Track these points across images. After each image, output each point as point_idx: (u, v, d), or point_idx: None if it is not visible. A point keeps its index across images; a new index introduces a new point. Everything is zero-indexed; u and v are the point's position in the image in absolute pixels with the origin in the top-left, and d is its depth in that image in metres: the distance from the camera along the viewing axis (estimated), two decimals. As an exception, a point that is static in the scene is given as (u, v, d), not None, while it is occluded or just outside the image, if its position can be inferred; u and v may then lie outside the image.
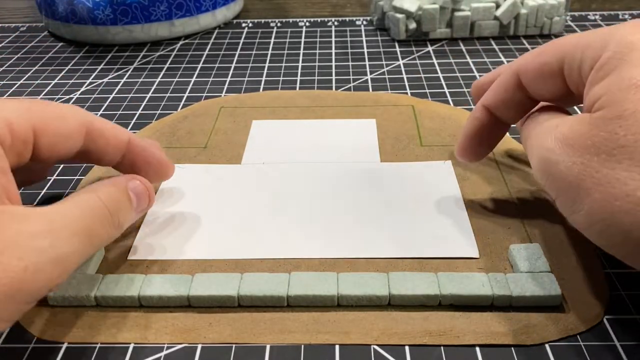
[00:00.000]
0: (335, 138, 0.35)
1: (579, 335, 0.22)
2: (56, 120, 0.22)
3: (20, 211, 0.19)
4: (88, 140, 0.23)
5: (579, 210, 0.19)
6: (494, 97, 0.25)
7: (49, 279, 0.18)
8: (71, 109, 0.23)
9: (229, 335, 0.22)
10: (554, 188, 0.21)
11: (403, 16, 0.49)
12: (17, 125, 0.20)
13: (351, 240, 0.26)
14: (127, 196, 0.23)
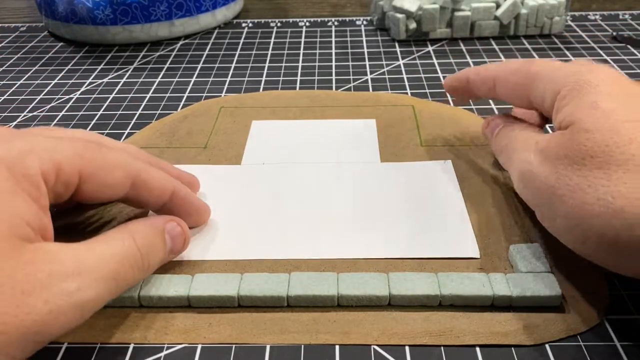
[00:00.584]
0: (336, 138, 0.35)
1: (579, 335, 0.22)
2: (103, 171, 0.22)
3: (53, 249, 0.19)
4: (132, 190, 0.23)
5: (557, 217, 0.21)
6: (475, 82, 0.29)
7: (69, 322, 0.18)
8: (122, 158, 0.23)
9: (229, 336, 0.22)
10: (534, 199, 0.23)
11: (403, 16, 0.49)
12: (64, 169, 0.20)
13: (351, 241, 0.26)
14: (163, 238, 0.23)
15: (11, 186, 0.19)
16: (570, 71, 0.23)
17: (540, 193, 0.22)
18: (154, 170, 0.24)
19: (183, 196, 0.25)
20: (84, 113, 0.40)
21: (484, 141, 0.34)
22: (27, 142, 0.20)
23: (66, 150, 0.21)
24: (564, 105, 0.22)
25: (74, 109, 0.40)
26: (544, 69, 0.25)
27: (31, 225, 0.19)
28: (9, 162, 0.19)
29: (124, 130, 0.37)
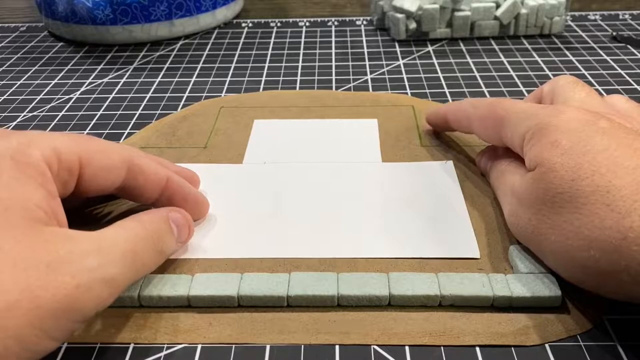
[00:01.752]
0: (337, 138, 0.35)
1: (579, 336, 0.22)
2: (100, 154, 0.23)
3: (70, 233, 0.19)
4: (129, 176, 0.24)
5: (545, 254, 0.22)
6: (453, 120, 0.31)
7: (98, 298, 0.19)
8: (113, 145, 0.24)
9: (229, 335, 0.22)
10: (522, 237, 0.24)
11: (403, 16, 0.49)
12: (65, 154, 0.21)
13: (351, 240, 0.26)
14: (169, 226, 0.24)
15: (17, 174, 0.19)
16: (532, 114, 0.24)
17: (526, 233, 0.23)
18: (147, 158, 0.25)
19: (179, 184, 0.26)
20: (84, 113, 0.40)
21: (484, 141, 0.33)
22: (24, 135, 0.21)
23: (62, 138, 0.22)
24: (530, 147, 0.23)
25: (74, 109, 0.40)
26: (508, 114, 0.25)
27: (43, 209, 0.19)
28: (11, 153, 0.20)
29: (124, 130, 0.37)
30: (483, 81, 0.43)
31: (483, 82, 0.43)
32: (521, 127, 0.24)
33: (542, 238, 0.22)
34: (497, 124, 0.26)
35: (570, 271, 0.21)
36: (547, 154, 0.22)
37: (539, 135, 0.23)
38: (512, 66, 0.45)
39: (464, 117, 0.30)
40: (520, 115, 0.25)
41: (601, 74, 0.44)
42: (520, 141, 0.24)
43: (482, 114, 0.28)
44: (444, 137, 0.35)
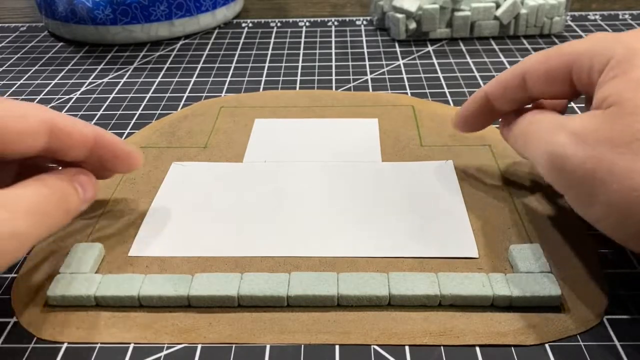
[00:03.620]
0: (337, 137, 0.35)
1: (579, 335, 0.22)
2: (15, 119, 0.22)
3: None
4: (51, 138, 0.23)
5: (595, 203, 0.20)
6: (497, 90, 0.26)
7: (7, 253, 0.19)
8: (33, 108, 0.23)
9: (229, 335, 0.22)
10: (565, 183, 0.21)
11: (403, 16, 0.49)
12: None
13: (351, 240, 0.26)
14: (73, 186, 0.23)
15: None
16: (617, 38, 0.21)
17: (575, 177, 0.20)
18: (71, 118, 0.24)
19: (109, 141, 0.25)
20: (84, 113, 0.40)
21: (483, 141, 0.34)
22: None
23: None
24: (609, 79, 0.21)
25: (74, 109, 0.40)
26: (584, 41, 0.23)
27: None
28: None
29: (124, 130, 0.37)
30: (483, 81, 0.43)
31: (483, 82, 0.43)
32: (602, 55, 0.21)
33: (599, 184, 0.19)
34: (568, 59, 0.23)
35: (621, 227, 0.20)
36: (631, 94, 0.19)
37: (624, 66, 0.20)
38: (512, 66, 0.45)
39: (515, 74, 0.25)
40: (602, 40, 0.22)
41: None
42: (601, 68, 0.21)
43: (543, 56, 0.24)
44: (444, 137, 0.35)
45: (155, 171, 0.32)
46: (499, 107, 0.27)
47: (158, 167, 0.32)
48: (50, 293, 0.23)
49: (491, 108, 0.27)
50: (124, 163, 0.26)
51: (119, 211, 0.29)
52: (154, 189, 0.30)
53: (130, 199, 0.30)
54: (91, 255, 0.25)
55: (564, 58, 0.23)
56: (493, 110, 0.27)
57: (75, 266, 0.24)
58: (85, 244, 0.25)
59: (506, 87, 0.26)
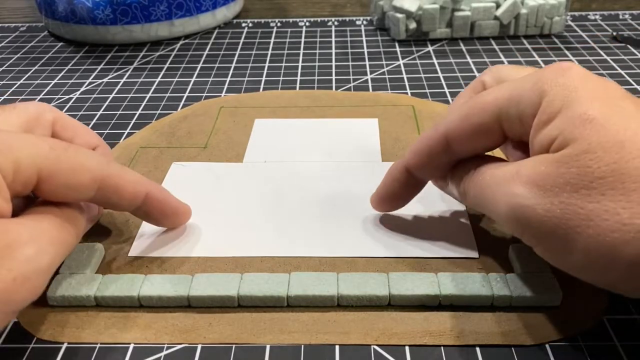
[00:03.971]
0: (337, 137, 0.35)
1: (579, 335, 0.22)
2: (68, 173, 0.21)
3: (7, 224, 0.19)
4: (99, 192, 0.22)
5: (572, 252, 0.19)
6: (419, 161, 0.24)
7: (34, 288, 0.19)
8: (91, 160, 0.22)
9: (229, 335, 0.22)
10: (533, 235, 0.20)
11: (403, 16, 0.49)
12: (23, 168, 0.20)
13: (351, 240, 0.26)
14: (81, 206, 0.23)
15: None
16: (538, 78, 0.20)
17: (543, 228, 0.19)
18: (129, 173, 0.23)
19: (159, 199, 0.25)
20: (84, 113, 0.40)
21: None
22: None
23: (28, 148, 0.20)
24: (546, 121, 0.20)
25: (74, 109, 0.40)
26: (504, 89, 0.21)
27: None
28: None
29: (124, 130, 0.37)
30: (483, 81, 0.43)
31: (483, 82, 0.43)
32: (530, 97, 0.20)
33: (571, 232, 0.18)
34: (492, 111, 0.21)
35: (607, 271, 0.18)
36: (577, 131, 0.18)
37: (558, 105, 0.19)
38: (512, 66, 0.45)
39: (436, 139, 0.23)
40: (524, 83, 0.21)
41: (601, 74, 0.44)
42: (533, 113, 0.20)
43: (463, 114, 0.22)
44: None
45: (155, 171, 0.32)
46: (422, 177, 0.25)
47: (158, 167, 0.32)
48: (50, 293, 0.23)
49: (414, 181, 0.25)
50: (169, 221, 0.26)
51: (119, 211, 0.29)
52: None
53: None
54: (91, 256, 0.25)
55: (487, 110, 0.22)
56: (416, 183, 0.25)
57: (75, 266, 0.24)
58: (85, 244, 0.25)
59: (429, 154, 0.24)
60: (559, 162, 0.19)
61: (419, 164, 0.24)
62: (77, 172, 0.21)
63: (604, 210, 0.18)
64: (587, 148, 0.18)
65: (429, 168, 0.24)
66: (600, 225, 0.18)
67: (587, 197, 0.18)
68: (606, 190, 0.18)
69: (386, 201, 0.27)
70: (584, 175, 0.18)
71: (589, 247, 0.18)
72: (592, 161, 0.18)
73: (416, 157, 0.24)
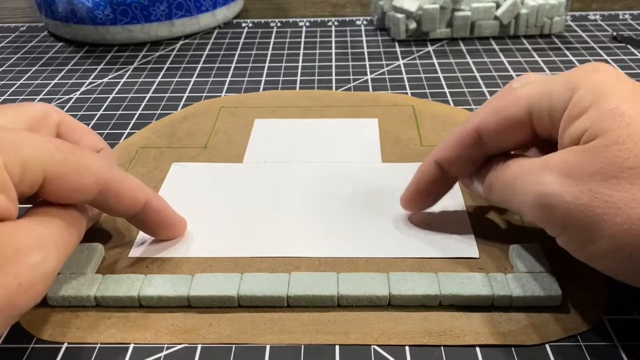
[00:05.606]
0: (337, 138, 0.35)
1: (579, 335, 0.22)
2: (73, 174, 0.21)
3: (12, 226, 0.19)
4: (100, 195, 0.22)
5: (597, 240, 0.19)
6: (449, 154, 0.25)
7: (38, 293, 0.19)
8: (96, 163, 0.22)
9: (229, 335, 0.22)
10: (559, 223, 0.20)
11: (403, 16, 0.49)
12: (30, 168, 0.20)
13: (351, 240, 0.26)
14: (83, 206, 0.23)
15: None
16: (570, 76, 0.21)
17: (569, 216, 0.19)
18: (130, 179, 0.23)
19: (157, 209, 0.25)
20: (84, 113, 0.40)
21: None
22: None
23: (35, 148, 0.20)
24: (577, 114, 0.20)
25: (74, 109, 0.40)
26: (538, 84, 0.22)
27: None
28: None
29: (124, 130, 0.37)
30: (483, 81, 0.43)
31: (483, 82, 0.43)
32: (561, 93, 0.21)
33: (599, 220, 0.19)
34: (524, 105, 0.22)
35: (632, 260, 0.19)
36: (608, 124, 0.19)
37: (590, 100, 0.20)
38: (512, 66, 0.45)
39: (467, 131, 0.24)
40: (557, 80, 0.21)
41: (601, 73, 0.44)
42: (563, 108, 0.21)
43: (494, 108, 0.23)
44: (443, 138, 0.34)
45: (155, 171, 0.32)
46: (454, 173, 0.25)
47: (158, 167, 0.32)
48: (51, 293, 0.23)
49: (445, 176, 0.25)
50: (164, 232, 0.26)
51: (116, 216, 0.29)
52: (154, 190, 0.30)
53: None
54: (91, 256, 0.25)
55: (519, 104, 0.22)
56: (447, 179, 0.26)
57: (75, 267, 0.24)
58: (85, 245, 0.25)
59: (460, 147, 0.24)
60: (589, 152, 0.19)
61: (450, 157, 0.24)
62: (82, 175, 0.21)
63: (632, 199, 0.18)
64: (617, 139, 0.19)
65: (459, 162, 0.25)
66: (628, 214, 0.18)
67: (617, 185, 0.18)
68: (635, 180, 0.18)
69: (415, 198, 0.27)
70: (614, 165, 0.19)
71: (615, 235, 0.18)
72: (622, 152, 0.18)
73: (447, 151, 0.25)
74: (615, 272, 0.20)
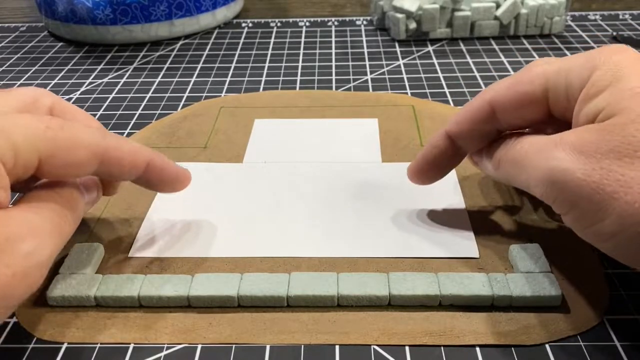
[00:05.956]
0: (337, 138, 0.35)
1: (579, 335, 0.22)
2: (66, 151, 0.21)
3: (5, 216, 0.19)
4: (101, 166, 0.22)
5: (604, 218, 0.19)
6: (461, 127, 0.24)
7: (32, 283, 0.19)
8: (89, 136, 0.21)
9: (229, 335, 0.22)
10: (570, 199, 0.20)
11: (403, 16, 0.49)
12: (23, 152, 0.20)
13: (351, 240, 0.26)
14: (80, 190, 0.23)
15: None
16: (590, 55, 0.21)
17: (579, 192, 0.19)
18: (126, 144, 0.23)
19: (159, 167, 0.24)
20: (84, 113, 0.40)
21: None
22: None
23: (25, 130, 0.20)
24: (595, 93, 0.20)
25: (74, 109, 0.40)
26: (554, 61, 0.22)
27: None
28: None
29: (124, 130, 0.37)
30: (483, 81, 0.43)
31: (483, 82, 0.43)
32: (579, 71, 0.21)
33: (608, 198, 0.18)
34: (539, 82, 0.22)
35: (635, 241, 0.19)
36: (626, 103, 0.19)
37: (609, 79, 0.20)
38: (512, 66, 0.45)
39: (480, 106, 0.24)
40: (576, 58, 0.21)
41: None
42: (582, 86, 0.21)
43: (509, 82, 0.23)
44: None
45: (155, 171, 0.32)
46: (464, 146, 0.25)
47: (158, 167, 0.32)
48: (50, 293, 0.23)
49: (455, 150, 0.25)
50: (169, 186, 0.26)
51: (119, 211, 0.29)
52: (154, 192, 0.30)
53: (130, 199, 0.30)
54: (91, 256, 0.25)
55: (536, 80, 0.22)
56: (457, 152, 0.25)
57: (75, 266, 0.24)
58: (85, 244, 0.25)
59: (472, 120, 0.24)
60: (604, 130, 0.19)
61: (462, 130, 0.24)
62: (76, 149, 0.21)
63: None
64: (634, 118, 0.19)
65: (470, 136, 0.24)
66: (638, 192, 0.18)
67: (630, 165, 0.18)
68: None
69: (423, 169, 0.27)
70: (629, 144, 0.18)
71: (623, 214, 0.18)
72: (638, 131, 0.18)
73: (459, 123, 0.24)
74: (618, 254, 0.20)
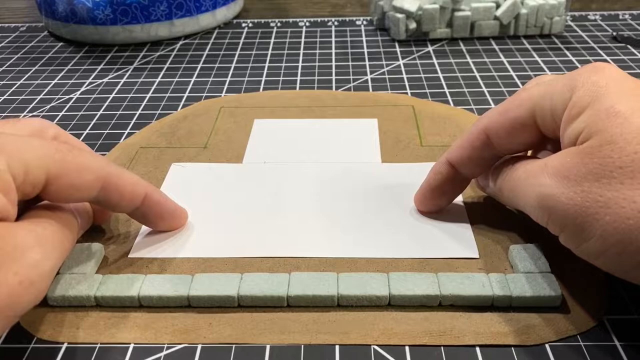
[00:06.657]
0: (337, 138, 0.35)
1: (579, 336, 0.22)
2: (73, 173, 0.22)
3: (11, 226, 0.19)
4: (102, 192, 0.23)
5: (590, 238, 0.20)
6: (460, 154, 0.25)
7: (38, 292, 0.19)
8: (94, 161, 0.22)
9: (229, 336, 0.22)
10: (557, 222, 0.21)
11: (403, 16, 0.49)
12: (33, 170, 0.20)
13: (351, 240, 0.26)
14: (75, 215, 0.24)
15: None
16: (571, 76, 0.22)
17: (565, 215, 0.20)
18: (127, 174, 0.24)
19: (157, 201, 0.25)
20: (84, 113, 0.40)
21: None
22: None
23: (36, 150, 0.21)
24: (575, 115, 0.21)
25: (74, 109, 0.40)
26: (540, 85, 0.23)
27: None
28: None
29: (124, 130, 0.37)
30: (483, 81, 0.43)
31: (483, 82, 0.43)
32: (562, 93, 0.21)
33: (590, 219, 0.19)
34: (528, 106, 0.23)
35: (622, 258, 0.19)
36: (602, 124, 0.19)
37: (587, 100, 0.20)
38: (512, 66, 0.45)
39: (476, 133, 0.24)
40: (558, 81, 0.22)
41: (601, 74, 0.44)
42: (564, 107, 0.21)
43: (501, 109, 0.24)
44: (444, 137, 0.35)
45: (155, 171, 0.32)
46: (466, 173, 0.26)
47: (158, 167, 0.32)
48: (50, 293, 0.23)
49: (457, 175, 0.26)
50: (166, 223, 0.27)
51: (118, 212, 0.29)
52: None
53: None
54: (91, 256, 0.25)
55: (523, 105, 0.23)
56: (460, 178, 0.26)
57: (75, 266, 0.24)
58: (85, 245, 0.25)
59: (470, 148, 0.25)
60: (582, 153, 0.20)
61: (461, 157, 0.25)
62: (82, 172, 0.22)
63: (621, 198, 0.18)
64: (610, 139, 0.19)
65: (470, 163, 0.25)
66: (617, 212, 0.18)
67: (607, 185, 0.19)
68: (625, 179, 0.18)
69: (428, 197, 0.27)
70: (605, 165, 0.19)
71: (605, 234, 0.19)
72: (614, 152, 0.19)
73: (458, 151, 0.25)
74: (611, 269, 0.20)
